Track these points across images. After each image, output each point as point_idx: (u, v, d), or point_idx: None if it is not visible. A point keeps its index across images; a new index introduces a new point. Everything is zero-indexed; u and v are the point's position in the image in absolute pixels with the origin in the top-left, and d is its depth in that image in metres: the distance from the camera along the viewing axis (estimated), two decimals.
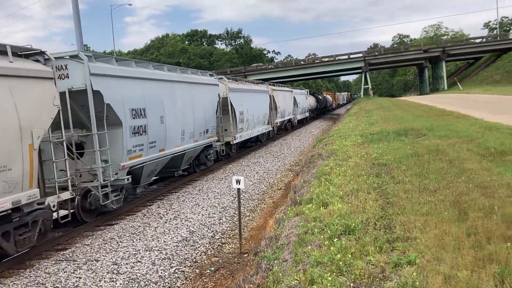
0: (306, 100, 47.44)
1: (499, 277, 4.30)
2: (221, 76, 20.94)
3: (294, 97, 38.93)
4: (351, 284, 4.64)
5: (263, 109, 26.83)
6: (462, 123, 17.14)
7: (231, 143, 20.65)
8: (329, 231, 6.27)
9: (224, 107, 19.97)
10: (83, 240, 9.89)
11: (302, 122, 45.29)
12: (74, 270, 7.99)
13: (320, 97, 62.97)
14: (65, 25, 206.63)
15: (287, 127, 37.38)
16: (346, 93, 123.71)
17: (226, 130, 20.09)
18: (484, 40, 75.31)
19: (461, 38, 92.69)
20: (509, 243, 4.95)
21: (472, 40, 77.85)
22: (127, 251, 8.87)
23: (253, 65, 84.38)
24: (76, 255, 8.81)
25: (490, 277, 4.31)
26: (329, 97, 72.98)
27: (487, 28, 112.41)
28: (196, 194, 14.17)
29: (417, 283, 4.38)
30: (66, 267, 8.17)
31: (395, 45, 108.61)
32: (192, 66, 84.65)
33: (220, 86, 19.58)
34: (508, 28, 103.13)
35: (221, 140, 19.36)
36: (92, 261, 8.42)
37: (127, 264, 8.19)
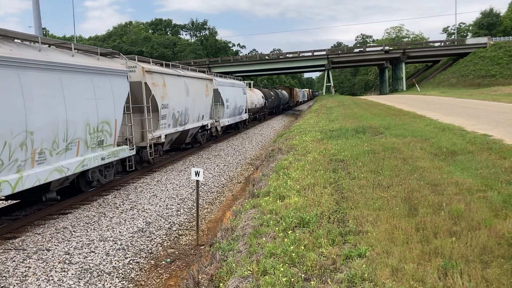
0: (243, 96, 32.77)
1: (443, 269, 4.49)
2: None
3: (216, 90, 25.09)
4: (303, 275, 4.73)
5: (95, 112, 11.81)
6: (417, 123, 17.69)
7: None
8: (284, 224, 6.36)
9: None
10: (34, 229, 9.61)
11: (238, 127, 32.66)
12: (24, 260, 7.75)
13: (272, 93, 48.71)
14: (22, 5, 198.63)
15: (198, 140, 22.57)
16: (307, 89, 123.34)
17: None
18: (442, 44, 77.85)
19: (421, 41, 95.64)
20: (454, 238, 5.18)
21: (431, 44, 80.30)
22: (80, 241, 8.69)
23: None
24: (26, 244, 8.55)
25: (435, 269, 4.50)
26: (284, 93, 60.18)
27: (445, 32, 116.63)
28: (155, 185, 14.01)
29: (366, 275, 4.52)
30: (15, 256, 7.92)
31: (358, 45, 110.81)
32: (155, 56, 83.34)
33: None
34: (465, 34, 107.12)
35: None
36: (43, 250, 8.19)
37: (80, 254, 8.03)
